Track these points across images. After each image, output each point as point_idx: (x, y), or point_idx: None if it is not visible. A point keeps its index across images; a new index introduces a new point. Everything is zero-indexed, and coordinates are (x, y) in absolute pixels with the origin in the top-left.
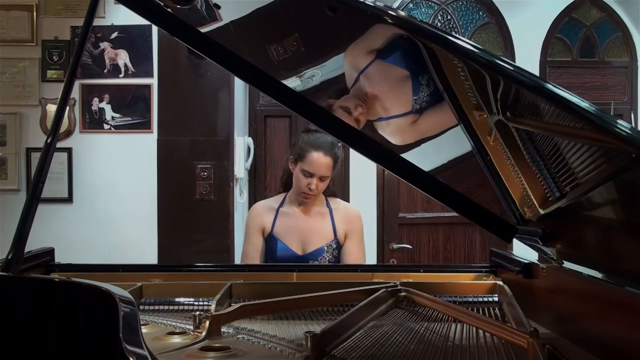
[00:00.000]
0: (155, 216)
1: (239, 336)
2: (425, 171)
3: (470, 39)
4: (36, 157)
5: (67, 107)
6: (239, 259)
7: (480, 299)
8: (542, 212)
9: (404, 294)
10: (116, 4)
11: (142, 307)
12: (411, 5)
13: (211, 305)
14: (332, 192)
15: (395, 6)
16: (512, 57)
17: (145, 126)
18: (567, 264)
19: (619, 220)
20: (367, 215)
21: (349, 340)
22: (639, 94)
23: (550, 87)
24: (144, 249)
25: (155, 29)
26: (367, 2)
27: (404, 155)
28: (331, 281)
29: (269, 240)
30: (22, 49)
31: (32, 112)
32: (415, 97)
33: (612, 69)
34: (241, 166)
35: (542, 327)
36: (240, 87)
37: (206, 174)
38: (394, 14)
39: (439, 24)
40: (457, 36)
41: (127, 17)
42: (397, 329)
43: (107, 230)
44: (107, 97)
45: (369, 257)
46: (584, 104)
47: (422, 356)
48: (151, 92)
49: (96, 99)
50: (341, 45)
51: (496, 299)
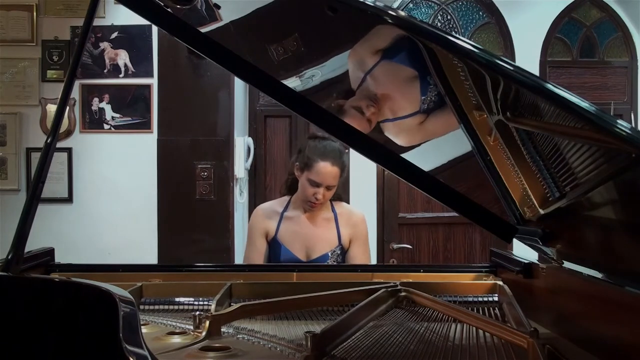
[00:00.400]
0: (155, 216)
1: (239, 336)
2: (425, 171)
3: (470, 39)
4: (36, 157)
5: (67, 107)
6: (239, 259)
7: (480, 299)
8: (542, 212)
9: (404, 294)
10: (116, 4)
11: (142, 307)
12: (411, 5)
13: (211, 305)
14: (338, 196)
15: (395, 6)
16: (512, 57)
17: (145, 126)
18: (567, 264)
19: (619, 220)
20: (367, 215)
21: (349, 340)
22: (639, 94)
23: (550, 87)
24: (144, 249)
25: (155, 29)
26: (367, 2)
27: (404, 155)
28: (331, 281)
29: (273, 244)
30: (22, 49)
31: (32, 112)
32: (423, 97)
33: (612, 69)
34: (241, 166)
35: (542, 327)
36: (240, 87)
37: (206, 174)
38: (393, 14)
39: (439, 24)
40: (457, 36)
41: (127, 17)
42: (397, 329)
43: (107, 230)
44: (107, 97)
45: None
46: (584, 104)
47: (422, 356)
48: (151, 92)
49: (96, 99)
50: (341, 45)
51: (496, 299)
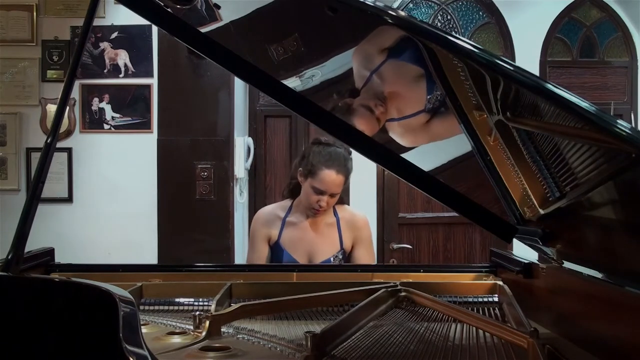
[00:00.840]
0: (155, 216)
1: (239, 336)
2: (425, 171)
3: (470, 39)
4: (36, 157)
5: (67, 107)
6: (239, 259)
7: (480, 299)
8: (542, 212)
9: (404, 294)
10: (116, 4)
11: (142, 307)
12: (411, 5)
13: (211, 305)
14: (340, 199)
15: (395, 6)
16: (512, 57)
17: (145, 126)
18: (567, 264)
19: (619, 220)
20: (367, 215)
21: (349, 340)
22: (639, 94)
23: (550, 87)
24: (144, 249)
25: (155, 29)
26: (367, 2)
27: (404, 155)
28: (331, 281)
29: (275, 249)
30: (22, 49)
31: (32, 112)
32: (429, 96)
33: (612, 69)
34: (241, 166)
35: (542, 327)
36: (240, 87)
37: (206, 174)
38: (393, 14)
39: (439, 24)
40: (457, 36)
41: (127, 17)
42: (397, 329)
43: (107, 230)
44: (107, 97)
45: None
46: (584, 104)
47: (422, 356)
48: (151, 92)
49: (96, 99)
50: (341, 45)
51: (496, 299)
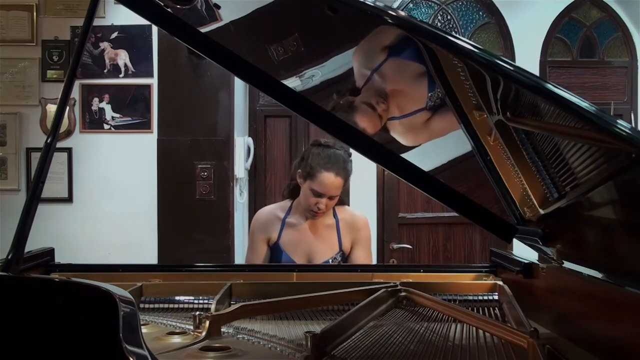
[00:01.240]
0: (155, 216)
1: (239, 336)
2: (425, 171)
3: (470, 39)
4: (36, 157)
5: (67, 107)
6: (239, 259)
7: (480, 298)
8: (542, 212)
9: (404, 294)
10: (116, 4)
11: (142, 307)
12: (411, 5)
13: (211, 305)
14: (340, 200)
15: (395, 6)
16: (512, 57)
17: (145, 126)
18: (567, 264)
19: (619, 220)
20: (367, 215)
21: (349, 340)
22: (639, 94)
23: (550, 87)
24: (144, 249)
25: (155, 29)
26: (367, 2)
27: (404, 155)
28: (331, 281)
29: (274, 249)
30: (22, 49)
31: (32, 112)
32: (430, 94)
33: (612, 69)
34: (241, 166)
35: (542, 327)
36: (240, 87)
37: (206, 174)
38: (393, 14)
39: (439, 24)
40: (457, 36)
41: (127, 17)
42: (397, 329)
43: (107, 230)
44: (107, 97)
45: None
46: (584, 104)
47: (422, 356)
48: (151, 92)
49: (96, 99)
50: (341, 45)
51: (496, 299)
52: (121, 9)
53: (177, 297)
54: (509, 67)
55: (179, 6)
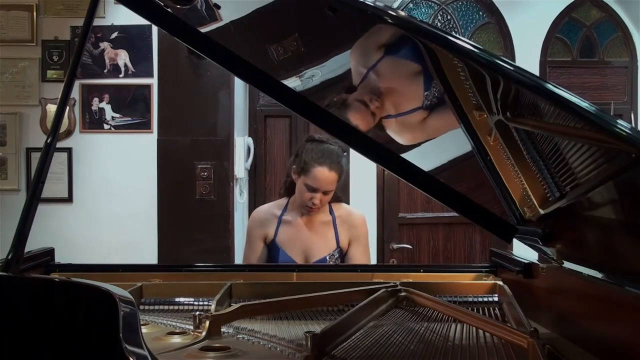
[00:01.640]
0: (155, 216)
1: (239, 336)
2: (425, 171)
3: (470, 39)
4: (36, 157)
5: (67, 107)
6: (239, 259)
7: (480, 299)
8: (542, 212)
9: (404, 294)
10: (116, 4)
11: (142, 307)
12: (411, 5)
13: (211, 305)
14: (337, 198)
15: (395, 6)
16: (512, 57)
17: (145, 126)
18: (567, 264)
19: (619, 220)
20: (367, 215)
21: (349, 340)
22: (639, 94)
23: (550, 87)
24: (144, 249)
25: (155, 29)
26: (367, 2)
27: (404, 155)
28: (331, 281)
29: (271, 247)
30: (22, 49)
31: (32, 112)
32: (426, 93)
33: (612, 69)
34: (241, 166)
35: (542, 327)
36: (240, 87)
37: (206, 174)
38: (394, 14)
39: (439, 24)
40: (457, 36)
41: (127, 17)
42: (397, 329)
43: (107, 230)
44: (107, 97)
45: None
46: (584, 104)
47: (422, 356)
48: (151, 92)
49: (96, 99)
50: (341, 45)
51: (496, 299)
52: (121, 9)
53: (177, 299)
54: (509, 67)
55: (179, 6)
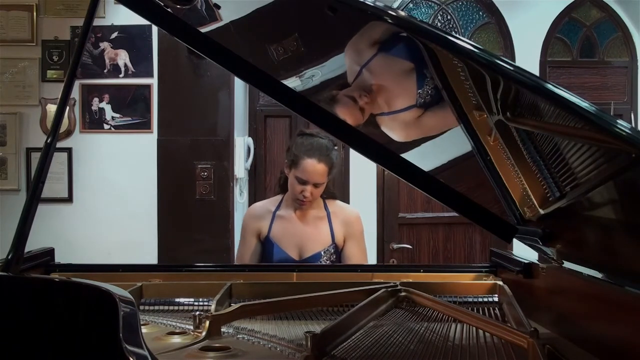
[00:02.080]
0: (155, 216)
1: (239, 336)
2: (425, 171)
3: (470, 39)
4: (36, 157)
5: (67, 107)
6: None
7: (480, 299)
8: (542, 212)
9: (404, 294)
10: (116, 4)
11: (142, 307)
12: (411, 5)
13: (211, 305)
14: (332, 194)
15: (395, 6)
16: (512, 57)
17: (145, 126)
18: (567, 264)
19: (619, 220)
20: (367, 215)
21: (349, 340)
22: (639, 94)
23: (550, 87)
24: (144, 249)
25: (155, 29)
26: (367, 2)
27: (404, 155)
28: (331, 281)
29: (266, 243)
30: (22, 49)
31: (32, 112)
32: (420, 91)
33: (612, 69)
34: (241, 166)
35: (542, 327)
36: (240, 87)
37: (206, 174)
38: (394, 14)
39: (439, 24)
40: (457, 36)
41: (127, 17)
42: (397, 329)
43: (107, 230)
44: (107, 97)
45: (369, 257)
46: (584, 104)
47: (422, 356)
48: (151, 92)
49: (96, 99)
50: (341, 45)
51: (496, 299)
52: (121, 9)
53: (177, 299)
54: (509, 67)
55: (179, 6)
